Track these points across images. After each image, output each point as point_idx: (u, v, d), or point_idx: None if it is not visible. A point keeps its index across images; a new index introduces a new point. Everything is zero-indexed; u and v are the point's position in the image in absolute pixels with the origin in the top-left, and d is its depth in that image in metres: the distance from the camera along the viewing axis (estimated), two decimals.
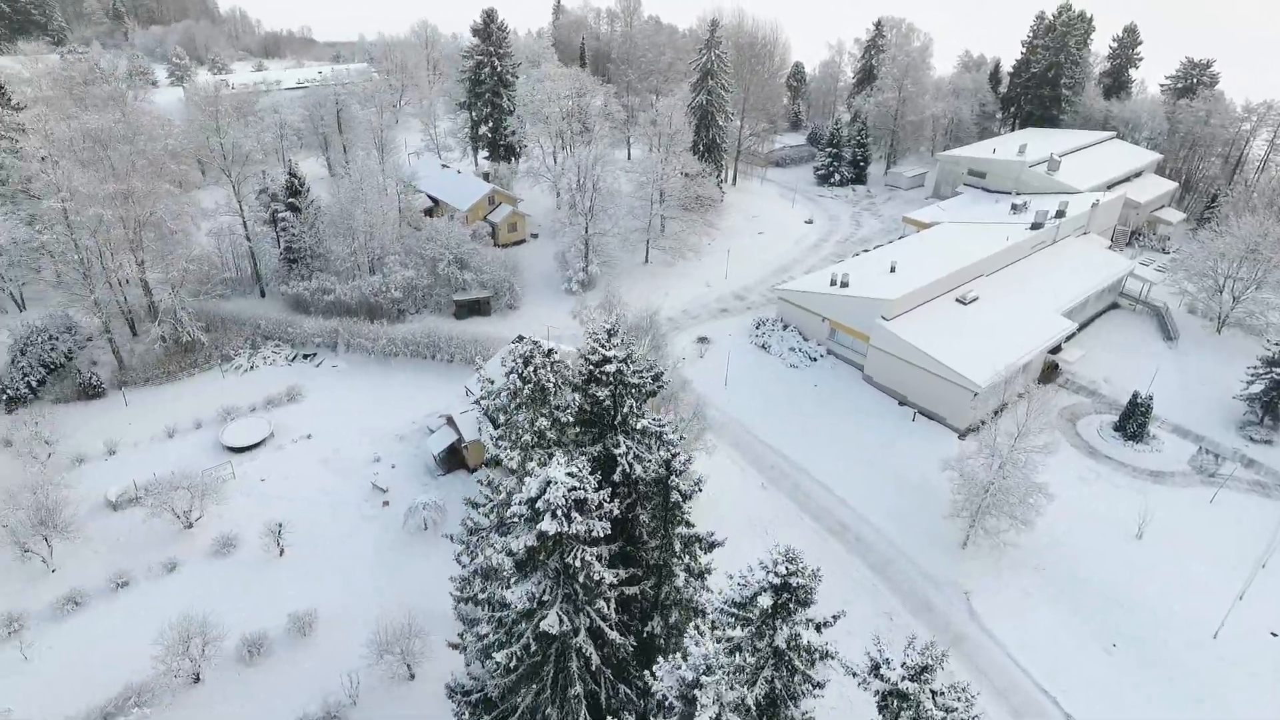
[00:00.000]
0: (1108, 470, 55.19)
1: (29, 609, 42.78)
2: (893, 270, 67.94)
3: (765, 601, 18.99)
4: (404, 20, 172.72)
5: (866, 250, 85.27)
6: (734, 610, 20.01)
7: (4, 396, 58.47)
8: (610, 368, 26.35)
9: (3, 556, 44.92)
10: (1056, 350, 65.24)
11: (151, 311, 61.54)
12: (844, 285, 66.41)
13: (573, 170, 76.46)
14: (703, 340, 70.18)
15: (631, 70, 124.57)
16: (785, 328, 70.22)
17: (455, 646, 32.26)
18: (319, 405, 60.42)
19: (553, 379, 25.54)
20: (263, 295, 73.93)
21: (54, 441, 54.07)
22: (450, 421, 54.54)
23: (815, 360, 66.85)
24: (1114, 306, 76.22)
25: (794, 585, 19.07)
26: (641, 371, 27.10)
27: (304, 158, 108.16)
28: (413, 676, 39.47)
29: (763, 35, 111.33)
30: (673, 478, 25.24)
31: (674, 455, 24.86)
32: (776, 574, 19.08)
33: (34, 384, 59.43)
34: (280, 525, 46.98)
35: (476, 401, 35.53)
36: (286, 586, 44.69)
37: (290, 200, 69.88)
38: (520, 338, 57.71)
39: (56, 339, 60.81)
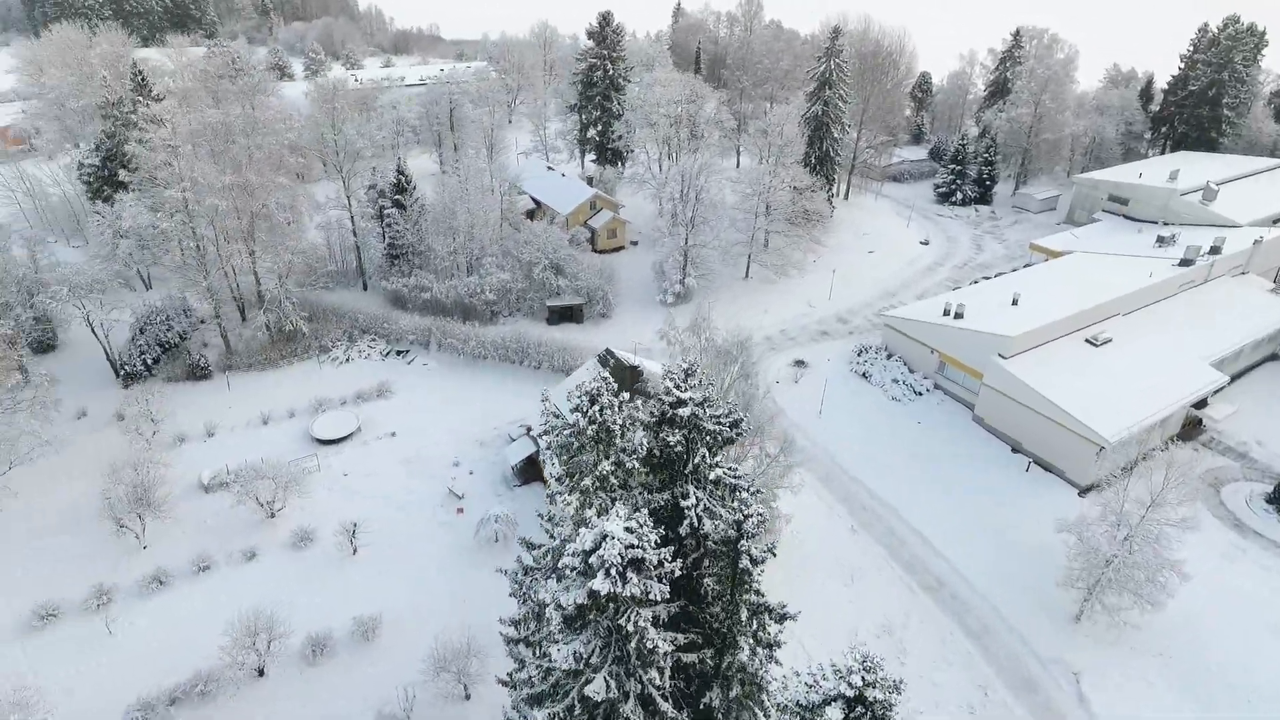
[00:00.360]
0: (1256, 549, 48.37)
1: (119, 584, 44.36)
2: (1015, 303, 62.42)
3: (835, 716, 16.15)
4: (526, 20, 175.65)
5: (986, 278, 79.26)
6: (799, 713, 17.26)
7: (122, 372, 61.69)
8: (685, 411, 23.98)
9: (101, 530, 46.82)
10: (1201, 405, 58.15)
11: (259, 299, 63.55)
12: (958, 316, 61.47)
13: (676, 179, 74.36)
14: (799, 364, 66.66)
15: (746, 76, 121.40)
16: (890, 357, 65.77)
17: (504, 684, 30.69)
18: (406, 403, 60.78)
19: (620, 420, 23.38)
20: (365, 289, 75.54)
21: (160, 420, 56.42)
22: (529, 432, 53.50)
23: (920, 395, 62.21)
24: (1273, 358, 67.54)
25: (869, 700, 16.16)
26: (719, 416, 24.59)
27: (418, 153, 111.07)
28: (468, 697, 38.36)
29: (888, 44, 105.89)
30: (744, 541, 22.63)
31: (747, 516, 22.24)
32: (850, 683, 16.23)
33: (149, 362, 62.45)
34: (355, 525, 47.07)
35: (539, 436, 33.84)
36: (355, 587, 44.63)
37: (396, 197, 70.97)
38: (608, 353, 56.48)
39: (172, 320, 63.76)
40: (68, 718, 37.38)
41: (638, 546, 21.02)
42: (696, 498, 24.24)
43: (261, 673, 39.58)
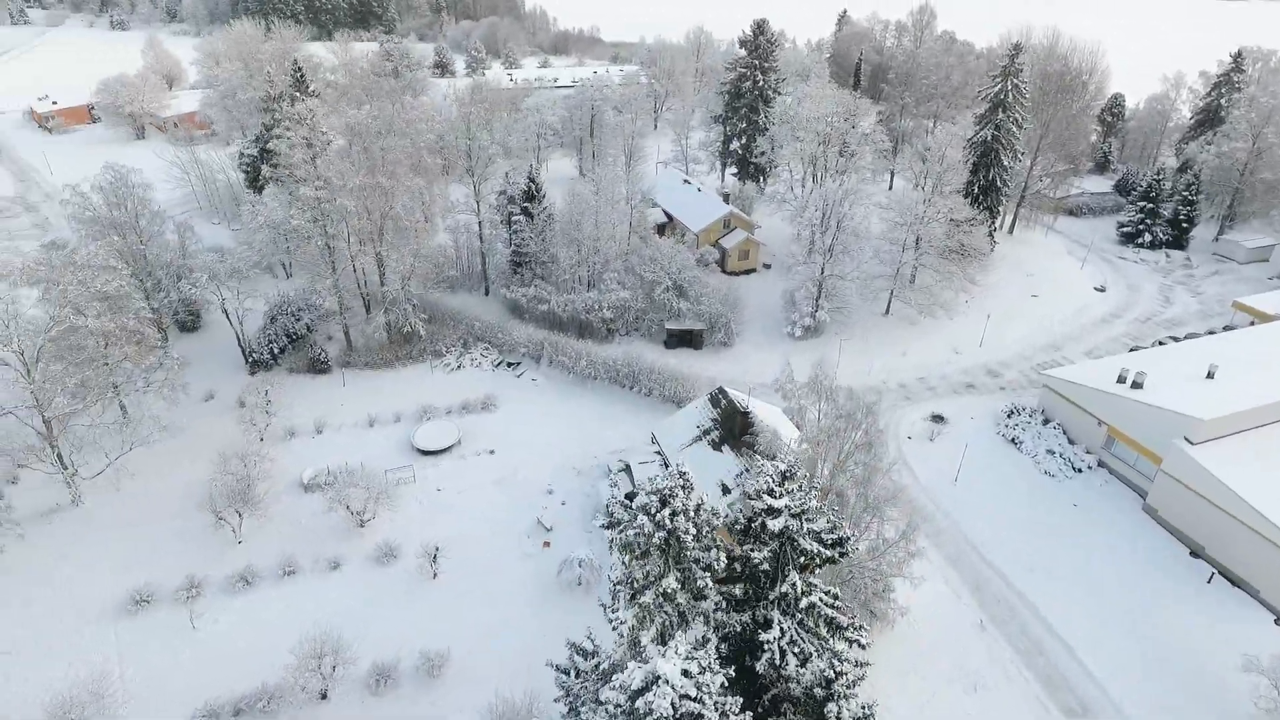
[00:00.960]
0: None
1: (210, 577, 44.74)
2: (1210, 375, 52.73)
3: None
4: (684, 25, 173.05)
5: (1174, 338, 68.32)
6: None
7: (250, 359, 63.68)
8: (777, 524, 19.45)
9: (200, 520, 47.62)
10: None
11: (383, 298, 63.83)
12: (1136, 385, 52.53)
13: (818, 202, 68.67)
14: (937, 419, 59.51)
15: (909, 91, 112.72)
16: (1046, 423, 57.43)
17: None
18: (509, 418, 59.01)
19: (694, 530, 19.17)
20: (486, 293, 74.93)
21: (275, 413, 57.43)
22: (628, 470, 50.09)
23: (1080, 472, 53.73)
24: None
25: None
26: (820, 532, 19.85)
27: (560, 156, 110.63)
28: None
29: (1077, 61, 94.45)
30: (833, 703, 17.85)
31: (839, 674, 17.45)
32: None
33: (275, 352, 64.16)
34: (438, 549, 45.40)
35: (603, 526, 30.01)
36: (429, 614, 42.81)
37: (525, 204, 69.67)
38: (720, 393, 52.15)
39: (301, 312, 65.29)
40: (138, 714, 37.53)
41: (695, 699, 16.82)
42: (782, 628, 19.69)
43: (324, 696, 38.33)
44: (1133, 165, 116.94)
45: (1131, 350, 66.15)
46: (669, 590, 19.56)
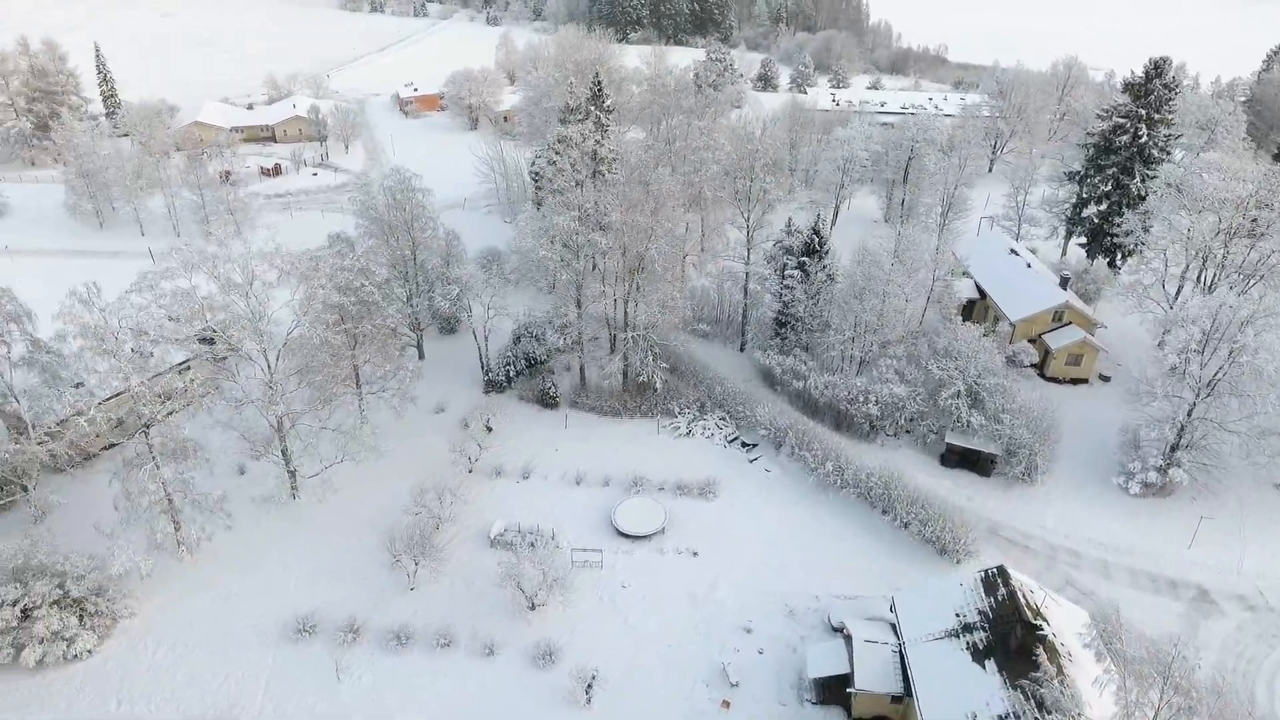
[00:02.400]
0: None
1: (370, 622, 41.79)
2: None
3: None
4: (1049, 51, 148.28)
5: None
6: None
7: (486, 377, 61.64)
8: None
9: (379, 556, 45.02)
10: None
11: (624, 341, 57.98)
12: None
13: (1202, 315, 49.73)
14: None
15: None
16: None
17: None
18: (726, 513, 49.90)
19: None
20: (741, 349, 66.09)
21: (487, 447, 54.13)
22: (847, 637, 38.44)
23: None
24: None
25: None
26: None
27: (865, 193, 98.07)
28: None
29: None
30: None
31: None
32: None
33: (511, 375, 61.46)
34: (594, 676, 38.01)
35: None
36: None
37: (803, 259, 59.53)
38: (998, 575, 38.12)
39: (545, 338, 61.91)
40: None
41: None
42: None
43: None
44: None
45: None
46: None
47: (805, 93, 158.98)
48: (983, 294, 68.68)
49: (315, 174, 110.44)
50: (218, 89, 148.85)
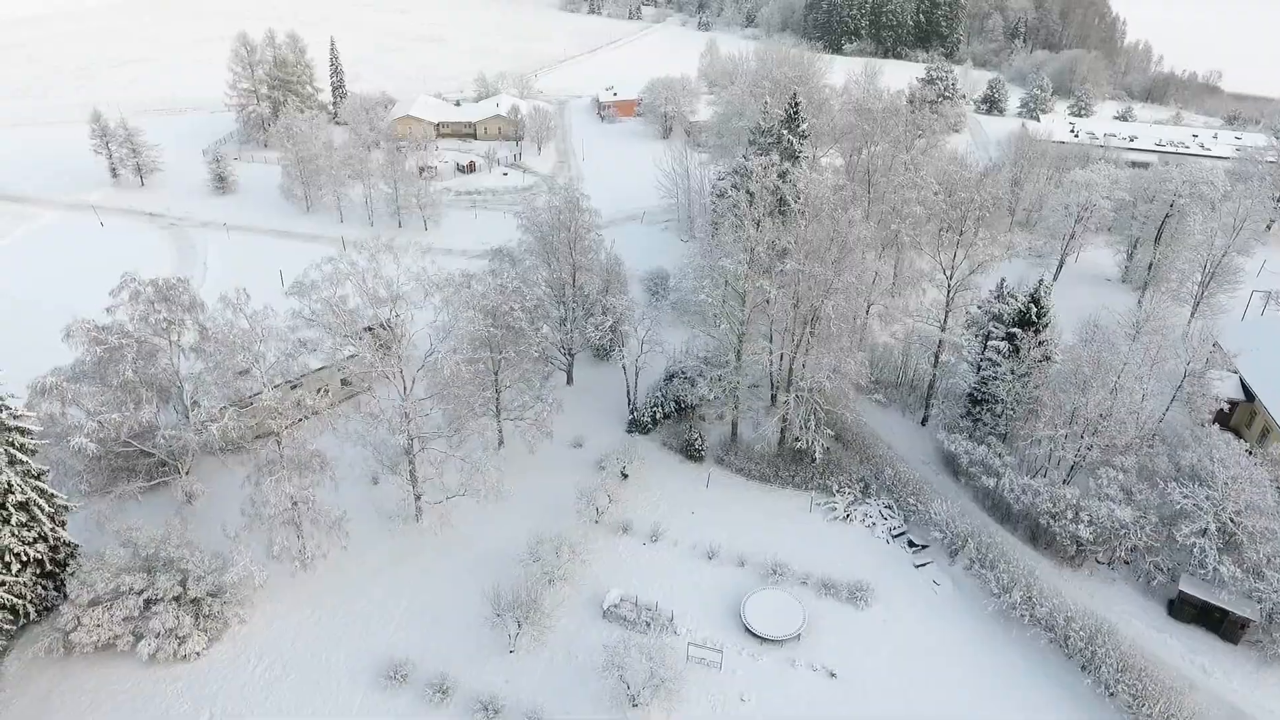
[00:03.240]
0: None
1: (461, 683, 38.42)
2: None
3: None
4: None
5: None
6: None
7: (631, 416, 57.17)
8: None
9: (483, 608, 41.47)
10: None
11: (784, 402, 51.18)
12: None
13: None
14: None
15: None
16: None
17: None
18: (878, 630, 41.90)
19: None
20: (923, 423, 56.95)
21: (617, 500, 49.46)
22: None
23: None
24: None
25: None
26: None
27: (1100, 244, 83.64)
28: None
29: None
30: None
31: None
32: None
33: (658, 417, 56.57)
34: None
35: None
36: None
37: (1013, 330, 49.62)
38: None
39: (696, 382, 56.38)
40: None
41: None
42: None
43: None
44: None
45: None
46: None
47: (1038, 119, 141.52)
48: (1251, 397, 54.55)
49: (505, 174, 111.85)
50: (435, 83, 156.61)
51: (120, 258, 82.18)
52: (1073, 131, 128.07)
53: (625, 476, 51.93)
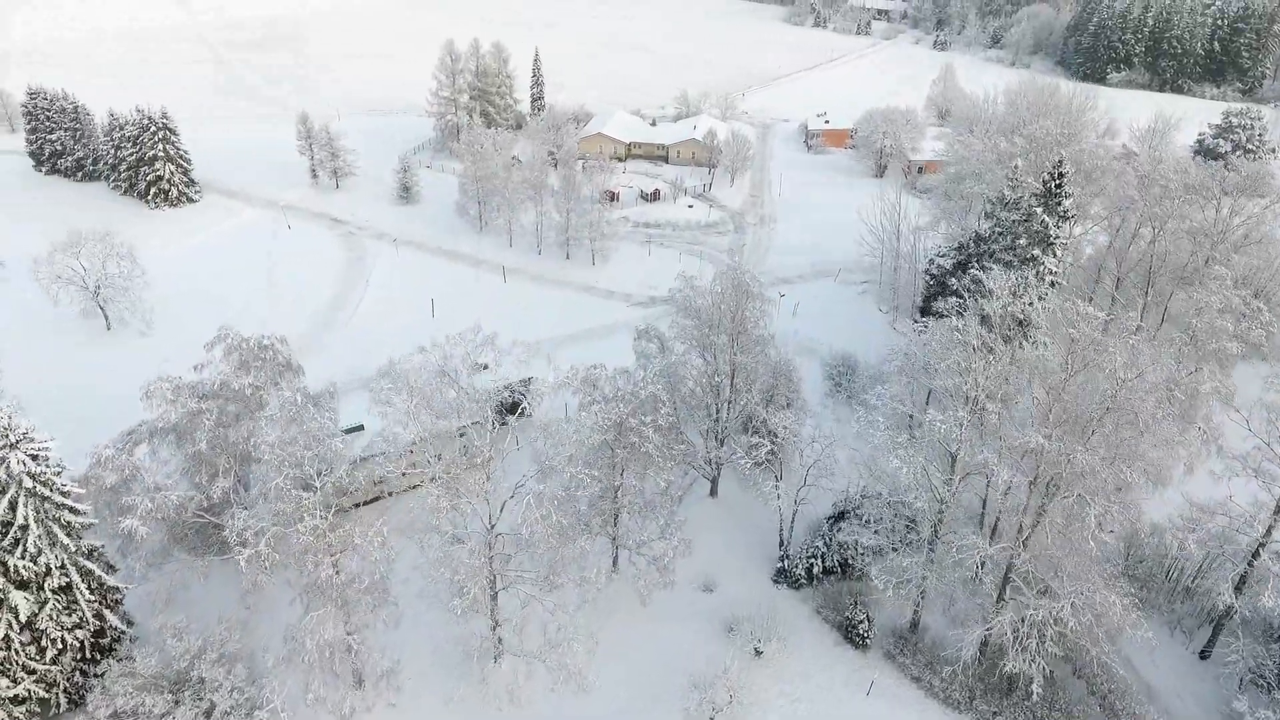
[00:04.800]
0: None
1: None
2: None
3: None
4: None
5: None
6: None
7: (781, 564, 44.56)
8: None
9: None
10: None
11: (996, 603, 36.54)
12: None
13: None
14: None
15: None
16: None
17: None
18: None
19: None
20: (1202, 656, 39.37)
21: (738, 699, 37.16)
22: None
23: None
24: None
25: None
26: None
27: None
28: None
29: None
30: None
31: None
32: None
33: (814, 571, 43.57)
34: None
35: None
36: None
37: None
38: None
39: (878, 532, 42.71)
40: None
41: None
42: None
43: None
44: None
45: None
46: None
47: None
48: None
49: (691, 205, 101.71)
50: (636, 97, 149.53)
51: (293, 268, 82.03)
52: None
53: (759, 653, 39.66)
